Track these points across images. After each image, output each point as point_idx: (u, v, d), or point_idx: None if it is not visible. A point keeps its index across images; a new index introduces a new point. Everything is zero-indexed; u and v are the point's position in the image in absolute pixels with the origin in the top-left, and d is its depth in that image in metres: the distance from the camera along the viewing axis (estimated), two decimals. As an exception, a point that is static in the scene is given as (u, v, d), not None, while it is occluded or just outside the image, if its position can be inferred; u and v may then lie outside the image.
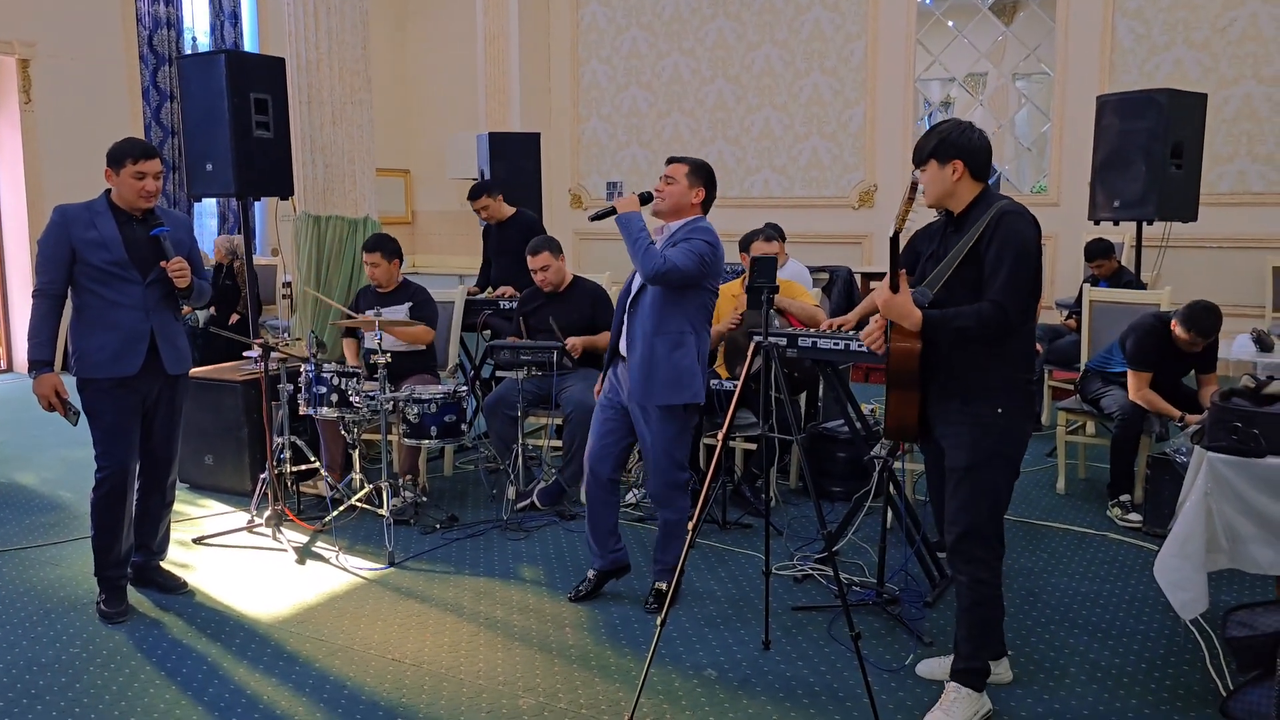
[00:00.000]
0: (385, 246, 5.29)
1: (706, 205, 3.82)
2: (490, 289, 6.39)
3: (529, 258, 5.22)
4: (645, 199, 3.77)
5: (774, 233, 5.36)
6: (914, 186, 3.04)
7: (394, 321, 4.94)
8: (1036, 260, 2.93)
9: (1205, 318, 4.65)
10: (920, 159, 3.05)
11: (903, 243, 2.99)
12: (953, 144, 2.98)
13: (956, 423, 3.00)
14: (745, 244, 5.29)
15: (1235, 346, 5.53)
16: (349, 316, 5.16)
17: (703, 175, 3.78)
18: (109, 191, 3.82)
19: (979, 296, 2.90)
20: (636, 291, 3.79)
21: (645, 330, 3.74)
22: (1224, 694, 3.15)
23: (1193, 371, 4.87)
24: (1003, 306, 2.85)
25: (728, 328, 5.01)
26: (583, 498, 4.05)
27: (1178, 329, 4.69)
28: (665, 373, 3.72)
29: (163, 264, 3.78)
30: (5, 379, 9.04)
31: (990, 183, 3.07)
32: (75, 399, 3.85)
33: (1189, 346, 4.71)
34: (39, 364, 3.75)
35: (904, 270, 2.93)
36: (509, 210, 6.55)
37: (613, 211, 3.73)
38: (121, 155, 3.74)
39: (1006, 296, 2.85)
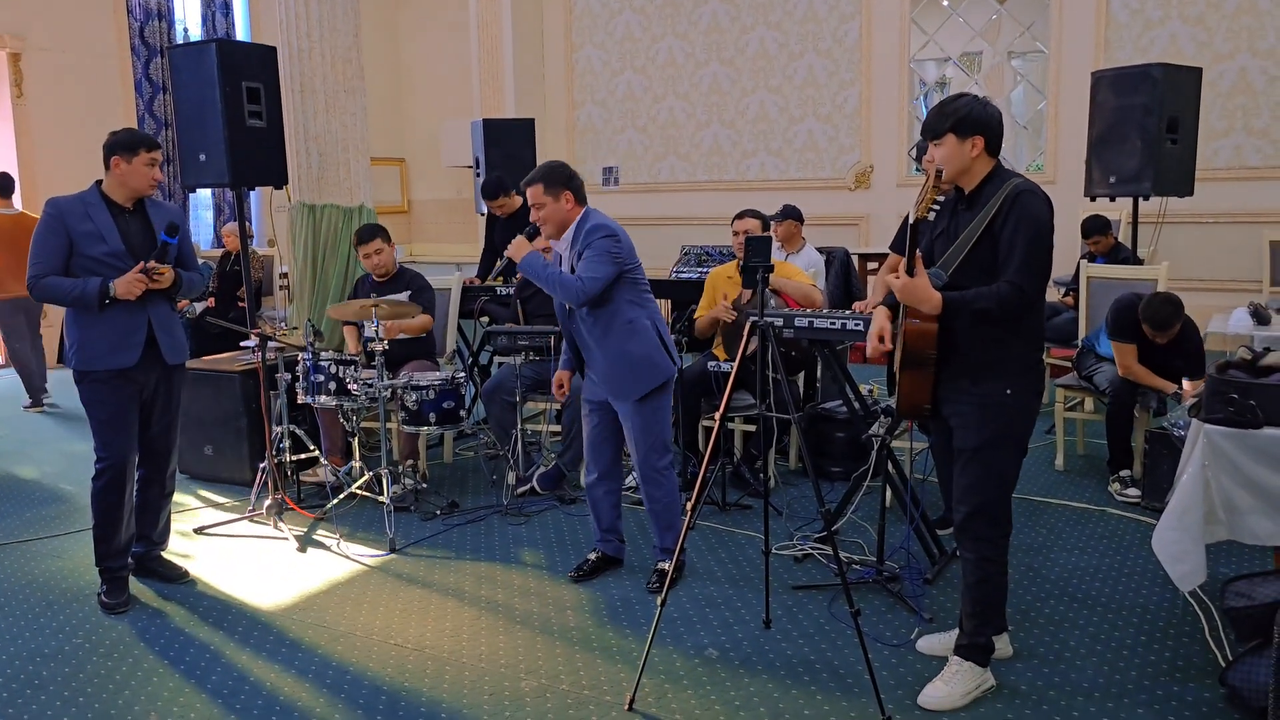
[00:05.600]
0: (382, 232, 5.31)
1: (581, 196, 3.82)
2: (499, 279, 6.42)
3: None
4: (533, 234, 3.81)
5: (755, 211, 5.27)
6: (939, 174, 2.94)
7: (394, 304, 4.93)
8: (1050, 239, 2.91)
9: (1159, 309, 4.60)
10: (937, 133, 2.95)
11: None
12: (974, 118, 2.92)
13: (966, 403, 2.99)
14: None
15: (1232, 320, 5.52)
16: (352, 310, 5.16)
17: (558, 178, 3.75)
18: (99, 183, 3.81)
19: (993, 276, 2.88)
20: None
21: (595, 338, 3.80)
22: (1223, 664, 3.16)
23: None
24: (1020, 287, 2.83)
25: (729, 317, 4.97)
26: (582, 480, 4.08)
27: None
28: (629, 369, 3.78)
29: (144, 262, 3.73)
30: (5, 374, 9.02)
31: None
32: (76, 393, 3.85)
33: (1152, 338, 4.69)
34: (99, 293, 3.65)
35: (920, 254, 2.90)
36: (519, 202, 6.56)
37: (511, 264, 3.82)
38: (135, 144, 3.75)
39: (1023, 277, 2.83)
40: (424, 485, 5.17)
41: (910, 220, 2.89)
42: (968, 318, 2.89)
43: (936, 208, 2.96)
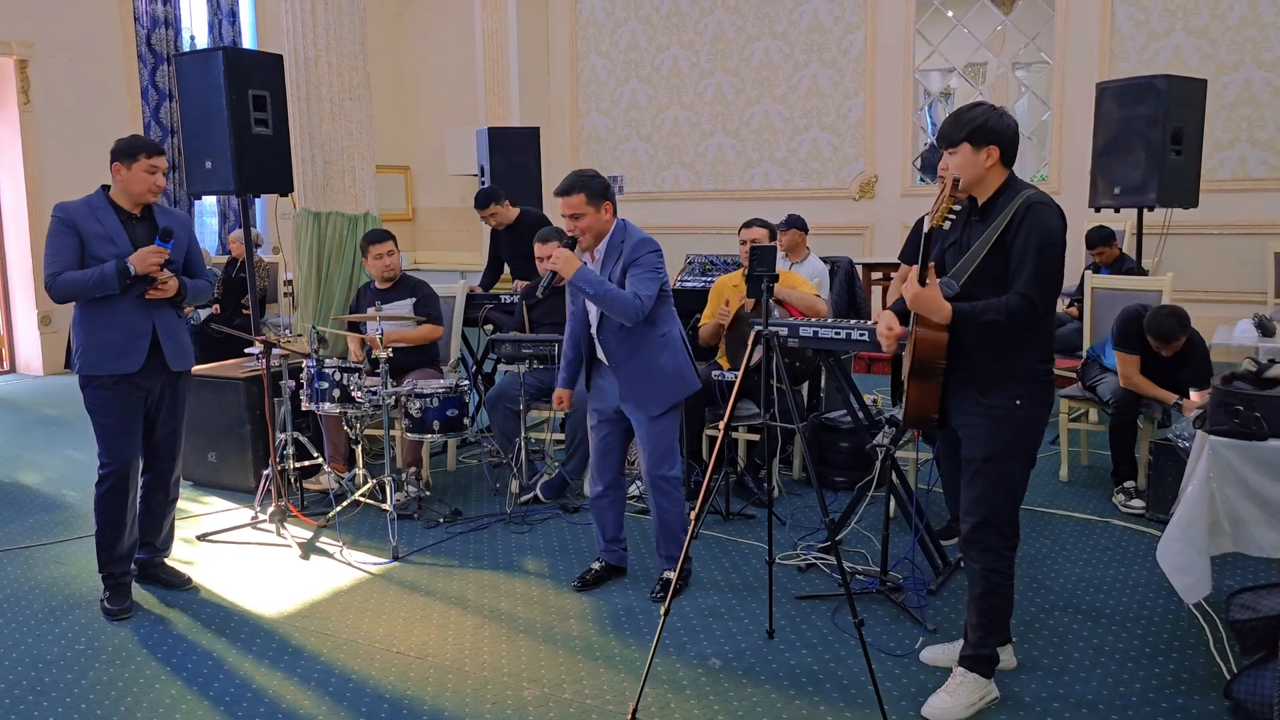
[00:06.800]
0: (394, 236, 5.36)
1: (615, 205, 3.82)
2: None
3: (537, 246, 5.17)
4: (572, 245, 3.72)
5: (763, 221, 5.28)
6: (955, 182, 2.91)
7: (399, 321, 4.95)
8: (1062, 252, 2.91)
9: (1164, 321, 4.58)
10: (952, 141, 2.93)
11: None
12: (990, 128, 2.90)
13: (974, 413, 2.99)
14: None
15: (1237, 331, 5.52)
16: (355, 320, 5.17)
17: (599, 188, 3.71)
18: (106, 188, 3.82)
19: (1004, 287, 2.88)
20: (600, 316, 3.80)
21: (627, 350, 3.77)
22: (1228, 677, 3.15)
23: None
24: (1030, 299, 2.83)
25: (724, 320, 5.01)
26: (586, 490, 4.07)
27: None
28: (661, 381, 3.79)
29: (157, 242, 3.76)
30: (7, 379, 9.05)
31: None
32: (80, 397, 3.85)
33: (1157, 350, 4.68)
34: (117, 272, 3.64)
35: (933, 264, 2.90)
36: (514, 212, 6.54)
37: (554, 277, 3.74)
38: (135, 150, 3.75)
39: (1034, 289, 2.83)
40: (427, 493, 5.17)
41: (925, 228, 2.89)
42: (977, 328, 2.89)
43: (953, 216, 2.95)
